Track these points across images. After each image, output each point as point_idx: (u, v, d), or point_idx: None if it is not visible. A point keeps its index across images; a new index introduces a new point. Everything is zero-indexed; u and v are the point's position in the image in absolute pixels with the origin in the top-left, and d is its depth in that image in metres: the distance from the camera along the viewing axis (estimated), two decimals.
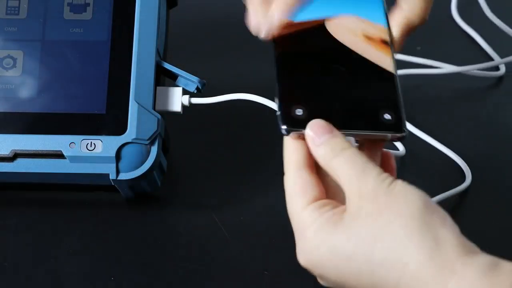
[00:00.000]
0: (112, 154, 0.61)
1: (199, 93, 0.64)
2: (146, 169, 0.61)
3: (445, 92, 0.81)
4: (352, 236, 0.47)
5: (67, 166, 0.61)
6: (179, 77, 0.64)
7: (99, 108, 0.62)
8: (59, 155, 0.61)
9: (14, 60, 0.64)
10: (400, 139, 0.53)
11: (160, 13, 0.64)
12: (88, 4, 0.65)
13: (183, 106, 0.64)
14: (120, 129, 0.61)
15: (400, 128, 0.52)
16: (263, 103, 0.64)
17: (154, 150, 0.61)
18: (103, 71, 0.63)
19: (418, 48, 0.83)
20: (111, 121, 0.62)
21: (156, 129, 0.61)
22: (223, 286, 0.60)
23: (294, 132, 0.51)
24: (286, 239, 0.62)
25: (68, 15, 0.65)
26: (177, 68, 0.64)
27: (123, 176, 0.61)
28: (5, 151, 0.62)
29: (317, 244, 0.48)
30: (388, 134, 0.52)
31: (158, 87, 0.63)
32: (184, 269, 0.60)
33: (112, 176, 0.61)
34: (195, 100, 0.64)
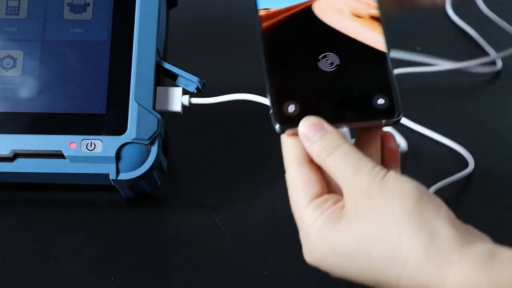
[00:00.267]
0: (112, 154, 0.61)
1: (199, 93, 0.64)
2: (146, 169, 0.61)
3: (443, 88, 0.81)
4: (351, 235, 0.48)
5: (67, 166, 0.61)
6: (179, 77, 0.64)
7: (99, 108, 0.62)
8: (59, 155, 0.61)
9: (14, 60, 0.64)
10: (395, 123, 0.52)
11: (160, 13, 0.64)
12: (88, 4, 0.65)
13: (183, 106, 0.64)
14: (120, 129, 0.61)
15: (394, 112, 0.52)
16: (263, 102, 0.64)
17: (154, 150, 0.61)
18: (103, 71, 0.63)
19: (418, 48, 0.83)
20: (111, 121, 0.62)
21: (156, 129, 0.61)
22: (223, 286, 0.60)
23: (288, 130, 0.51)
24: (286, 239, 0.63)
25: (68, 15, 0.65)
26: (177, 68, 0.64)
27: (123, 176, 0.61)
28: (5, 151, 0.62)
29: (320, 243, 0.49)
30: (383, 120, 0.52)
31: (158, 87, 0.63)
32: (184, 269, 0.60)
33: (112, 176, 0.61)
34: (195, 100, 0.64)
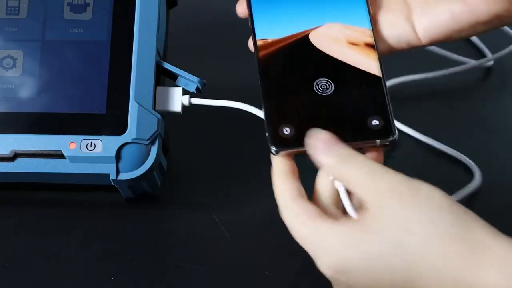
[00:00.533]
0: (112, 154, 0.61)
1: (199, 93, 0.64)
2: (146, 169, 0.61)
3: (440, 93, 0.81)
4: (380, 232, 0.47)
5: (67, 166, 0.61)
6: (179, 77, 0.64)
7: (99, 108, 0.62)
8: (59, 155, 0.61)
9: (14, 60, 0.64)
10: (391, 143, 0.53)
11: (160, 13, 0.64)
12: (88, 4, 0.65)
13: (183, 106, 0.64)
14: (120, 129, 0.61)
15: (389, 133, 0.53)
16: (259, 115, 0.60)
17: (154, 150, 0.61)
18: (103, 71, 0.63)
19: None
20: (111, 121, 0.61)
21: (156, 129, 0.61)
22: (223, 286, 0.60)
23: (284, 151, 0.52)
24: (286, 239, 0.63)
25: (68, 15, 0.65)
26: (177, 68, 0.64)
27: (123, 176, 0.61)
28: (5, 151, 0.62)
29: (342, 247, 0.48)
30: (377, 141, 0.53)
31: (158, 87, 0.63)
32: (184, 269, 0.60)
33: (112, 176, 0.61)
34: (195, 100, 0.64)
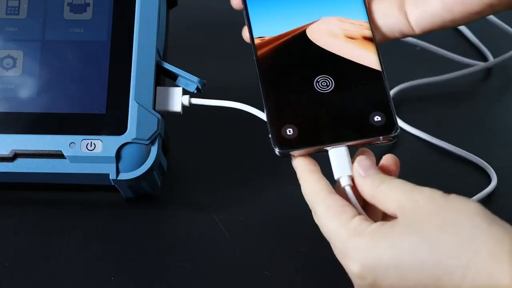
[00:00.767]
0: (112, 154, 0.61)
1: (199, 93, 0.64)
2: (146, 169, 0.61)
3: (446, 96, 0.81)
4: (414, 231, 0.47)
5: (67, 166, 0.61)
6: (179, 77, 0.64)
7: (99, 108, 0.62)
8: (59, 155, 0.61)
9: (14, 60, 0.64)
10: (393, 138, 0.53)
11: (160, 13, 0.64)
12: (88, 4, 0.65)
13: (183, 106, 0.64)
14: (120, 129, 0.61)
15: (392, 128, 0.53)
16: (261, 117, 0.60)
17: (154, 150, 0.61)
18: (103, 71, 0.63)
19: (418, 48, 0.83)
20: (111, 121, 0.61)
21: (156, 129, 0.61)
22: (223, 286, 0.60)
23: (287, 152, 0.52)
24: (286, 239, 0.63)
25: (68, 15, 0.65)
26: (177, 68, 0.64)
27: (123, 176, 0.61)
28: (5, 151, 0.62)
29: (375, 245, 0.48)
30: (380, 137, 0.53)
31: (158, 87, 0.63)
32: (184, 269, 0.60)
33: (112, 176, 0.61)
34: (195, 101, 0.64)
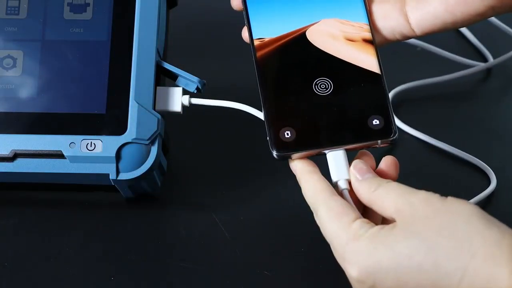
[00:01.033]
0: (112, 154, 0.61)
1: (199, 93, 0.64)
2: (146, 169, 0.61)
3: (445, 97, 0.81)
4: (413, 234, 0.47)
5: (67, 166, 0.61)
6: (179, 77, 0.64)
7: (99, 108, 0.62)
8: (59, 155, 0.61)
9: (14, 60, 0.64)
10: (391, 142, 0.53)
11: (160, 13, 0.64)
12: (88, 4, 0.65)
13: (183, 106, 0.64)
14: (120, 129, 0.61)
15: (390, 132, 0.52)
16: (259, 117, 0.60)
17: (154, 150, 0.61)
18: (103, 71, 0.63)
19: (418, 48, 0.83)
20: (111, 121, 0.61)
21: (156, 129, 0.61)
22: (223, 286, 0.59)
23: (285, 155, 0.52)
24: (286, 239, 0.63)
25: (68, 15, 0.65)
26: (177, 68, 0.64)
27: (123, 176, 0.61)
28: (5, 151, 0.62)
29: (375, 249, 0.48)
30: (379, 141, 0.53)
31: (158, 87, 0.63)
32: (184, 269, 0.60)
33: (112, 176, 0.61)
34: (195, 100, 0.64)
